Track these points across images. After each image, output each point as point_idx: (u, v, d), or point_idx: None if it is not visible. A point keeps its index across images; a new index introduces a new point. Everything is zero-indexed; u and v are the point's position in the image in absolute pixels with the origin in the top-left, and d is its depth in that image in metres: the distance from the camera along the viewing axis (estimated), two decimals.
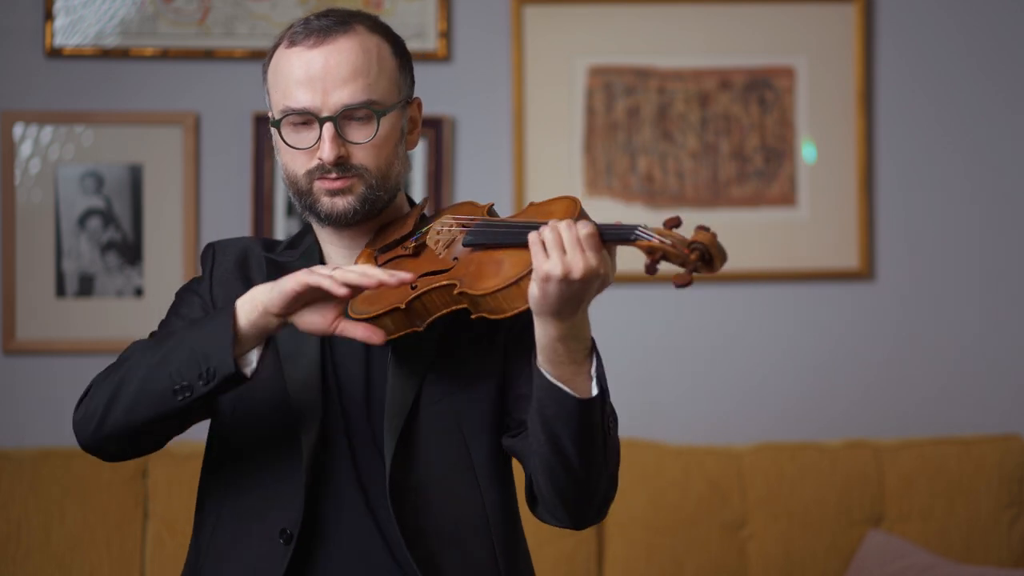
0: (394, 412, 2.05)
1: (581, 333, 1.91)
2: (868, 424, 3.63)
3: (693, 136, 3.65)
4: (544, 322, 1.89)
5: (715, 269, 1.84)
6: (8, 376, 3.51)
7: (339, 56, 2.03)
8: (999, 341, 3.69)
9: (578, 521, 2.04)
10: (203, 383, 1.96)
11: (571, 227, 1.86)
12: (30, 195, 3.52)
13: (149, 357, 2.00)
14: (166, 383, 1.97)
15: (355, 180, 2.05)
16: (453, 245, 2.04)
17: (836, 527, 3.39)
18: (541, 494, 2.02)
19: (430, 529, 2.05)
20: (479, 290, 1.93)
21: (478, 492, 2.08)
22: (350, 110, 2.03)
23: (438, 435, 2.06)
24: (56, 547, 3.25)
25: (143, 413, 2.00)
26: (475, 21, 3.60)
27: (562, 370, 1.92)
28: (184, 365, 1.96)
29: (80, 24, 3.53)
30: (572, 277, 1.84)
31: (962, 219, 3.69)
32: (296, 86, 2.04)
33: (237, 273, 2.16)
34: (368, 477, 2.06)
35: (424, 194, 3.55)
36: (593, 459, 1.96)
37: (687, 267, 1.83)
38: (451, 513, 2.07)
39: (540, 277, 1.85)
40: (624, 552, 3.34)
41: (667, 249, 1.84)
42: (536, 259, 1.86)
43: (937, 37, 3.68)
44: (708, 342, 3.65)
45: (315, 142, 2.04)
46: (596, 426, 1.94)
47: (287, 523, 2.04)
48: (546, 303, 1.87)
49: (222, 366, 1.95)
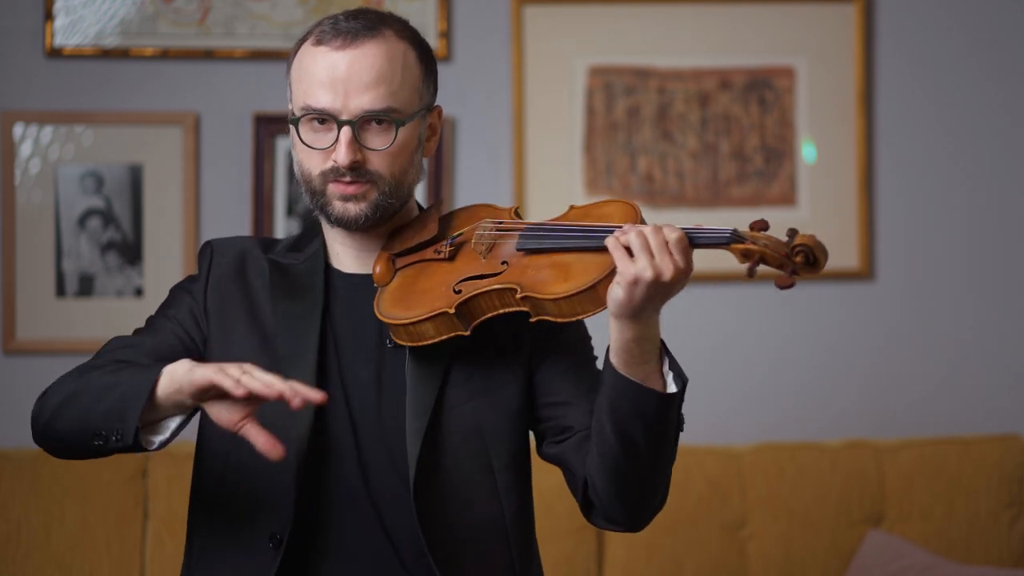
0: (416, 414, 2.04)
1: (654, 333, 1.94)
2: (868, 424, 3.63)
3: (693, 136, 3.65)
4: (622, 325, 1.91)
5: (819, 269, 1.88)
6: (8, 376, 3.51)
7: (364, 61, 2.02)
8: (999, 341, 3.69)
9: (636, 521, 2.05)
10: (115, 439, 1.96)
11: (658, 231, 1.89)
12: (30, 195, 3.52)
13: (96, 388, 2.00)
14: (91, 425, 1.97)
15: (369, 186, 2.04)
16: (498, 249, 2.03)
17: (836, 527, 3.39)
18: (599, 498, 2.02)
19: (450, 533, 2.04)
20: (548, 294, 1.93)
21: (497, 497, 2.08)
22: (370, 116, 2.02)
23: (460, 440, 2.06)
24: (56, 547, 3.25)
25: (73, 438, 2.01)
26: (475, 21, 3.60)
27: (635, 370, 1.94)
28: (108, 415, 1.96)
29: (80, 24, 3.53)
30: (663, 280, 1.87)
31: (962, 219, 3.69)
32: (319, 86, 2.03)
33: (235, 277, 2.14)
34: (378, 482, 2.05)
35: (424, 194, 3.55)
36: (663, 456, 1.98)
37: (786, 269, 1.87)
38: (471, 517, 2.06)
39: (628, 280, 1.87)
40: (624, 552, 3.34)
41: (765, 252, 1.88)
42: (621, 263, 1.88)
43: (937, 37, 3.68)
44: (708, 342, 3.65)
45: (332, 144, 2.03)
46: (672, 422, 1.96)
47: (277, 527, 2.03)
48: (630, 306, 1.89)
49: (125, 435, 1.95)
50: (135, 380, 1.96)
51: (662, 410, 1.94)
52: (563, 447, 2.07)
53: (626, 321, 1.91)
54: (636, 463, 1.97)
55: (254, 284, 2.13)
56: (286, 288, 2.11)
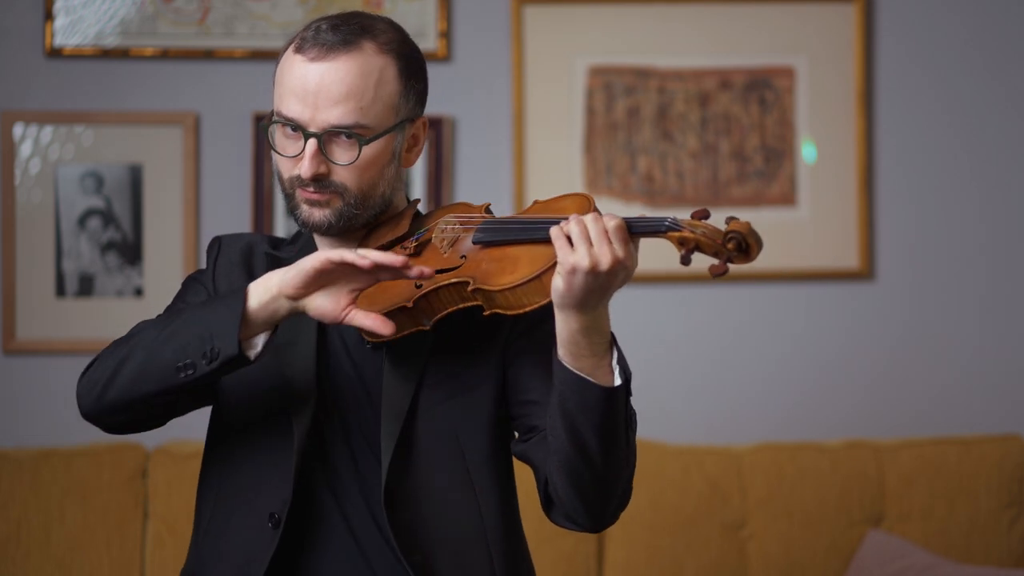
0: (391, 417, 2.04)
1: (602, 326, 1.92)
2: (868, 424, 3.63)
3: (693, 136, 3.65)
4: (567, 315, 1.90)
5: (752, 257, 1.86)
6: (8, 376, 3.51)
7: (335, 75, 2.02)
8: (999, 341, 3.69)
9: (596, 521, 2.03)
10: (206, 362, 1.96)
11: (597, 220, 1.88)
12: (30, 195, 3.52)
13: (157, 332, 2.01)
14: (171, 358, 1.98)
15: (333, 196, 2.05)
16: (459, 243, 2.04)
17: (836, 527, 3.39)
18: (558, 496, 2.02)
19: (426, 536, 2.04)
20: (496, 286, 1.93)
21: (474, 499, 2.07)
22: (336, 130, 2.02)
23: (435, 441, 2.06)
24: (56, 547, 3.25)
25: (146, 386, 2.01)
26: (475, 21, 3.60)
27: (583, 363, 1.92)
28: (190, 342, 1.97)
29: (80, 24, 3.53)
30: (600, 269, 1.86)
31: (962, 219, 3.69)
32: (290, 95, 2.04)
33: (241, 265, 2.17)
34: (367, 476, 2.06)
35: (424, 194, 3.55)
36: (615, 452, 1.96)
37: (721, 256, 1.86)
38: (447, 520, 2.06)
39: (567, 270, 1.87)
40: (624, 552, 3.34)
41: (700, 239, 1.87)
42: (561, 252, 1.87)
43: (937, 37, 3.68)
44: (708, 342, 3.65)
45: (299, 152, 2.04)
46: (619, 417, 1.94)
47: (276, 507, 2.04)
48: (571, 296, 1.88)
49: (226, 347, 1.95)
50: (214, 306, 1.99)
51: (607, 404, 1.92)
52: (527, 445, 2.07)
53: (570, 311, 1.89)
54: (588, 459, 1.96)
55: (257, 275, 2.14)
56: None
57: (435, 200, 3.55)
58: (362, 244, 2.12)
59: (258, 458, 2.08)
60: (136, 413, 2.05)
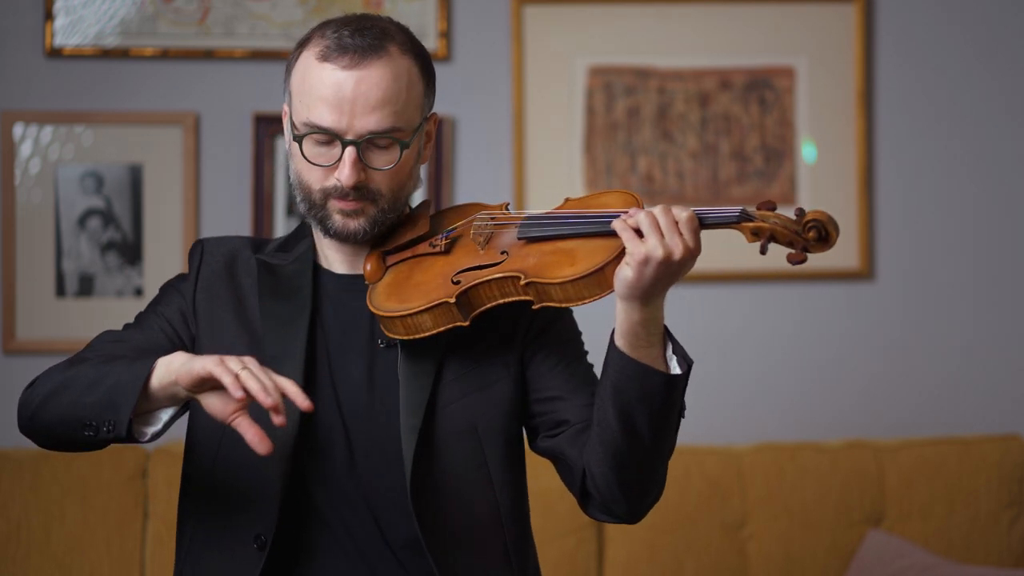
0: (410, 412, 2.04)
1: (659, 317, 1.95)
2: (868, 424, 3.63)
3: (693, 136, 3.65)
4: (630, 306, 1.93)
5: (831, 244, 1.91)
6: (8, 376, 3.50)
7: (371, 82, 2.01)
8: (999, 341, 3.69)
9: (634, 512, 2.06)
10: (106, 430, 1.96)
11: (667, 211, 1.91)
12: (30, 195, 3.52)
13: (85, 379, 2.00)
14: (81, 415, 1.97)
15: (368, 203, 2.05)
16: (495, 240, 2.05)
17: (836, 527, 3.39)
18: (598, 488, 2.03)
19: (446, 530, 2.05)
20: (554, 279, 1.94)
21: (492, 493, 2.08)
22: (374, 136, 2.02)
23: (454, 437, 2.06)
24: (56, 547, 3.25)
25: (61, 429, 2.01)
26: (475, 21, 3.60)
27: (641, 353, 1.95)
28: (99, 405, 1.96)
29: (80, 24, 3.53)
30: (673, 259, 1.89)
31: (962, 219, 3.69)
32: (323, 104, 2.01)
33: (224, 276, 2.14)
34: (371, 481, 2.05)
35: (424, 194, 3.55)
36: (664, 443, 2.00)
37: (797, 245, 1.90)
38: (466, 514, 2.07)
39: (638, 260, 1.89)
40: (624, 552, 3.34)
41: (775, 229, 1.91)
42: (630, 244, 1.90)
43: (937, 37, 3.68)
44: (708, 342, 3.65)
45: (335, 162, 2.03)
46: (675, 405, 1.98)
47: (262, 528, 2.03)
48: (640, 286, 1.90)
49: (118, 425, 1.94)
50: (128, 371, 1.96)
51: (667, 392, 1.95)
52: (558, 440, 2.07)
53: (634, 303, 1.92)
54: (638, 449, 1.98)
55: (243, 284, 2.13)
56: (274, 288, 2.11)
57: (436, 200, 3.55)
58: (378, 245, 2.11)
59: (241, 478, 2.06)
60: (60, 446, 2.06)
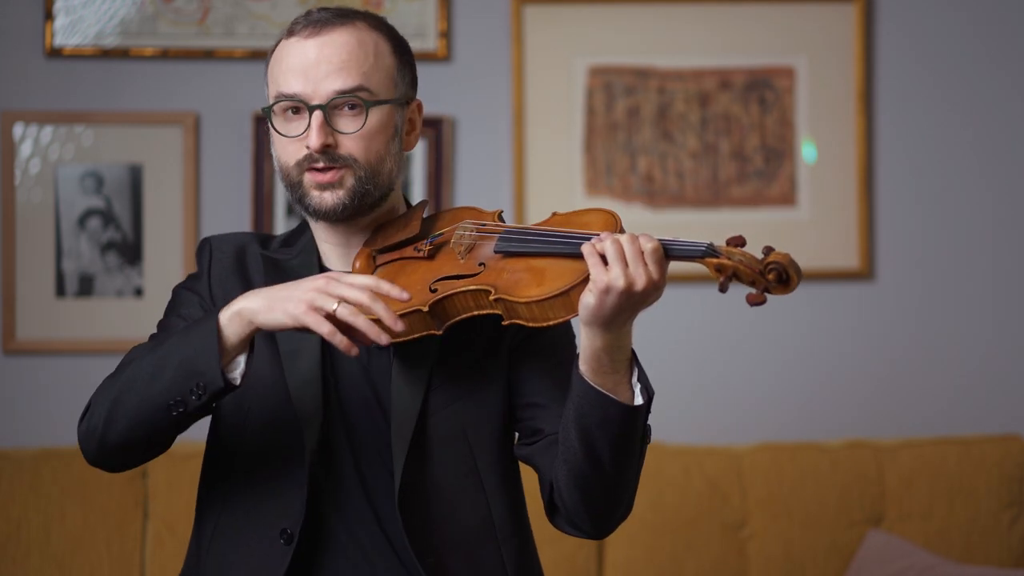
0: (402, 419, 2.04)
1: (625, 343, 1.93)
2: (868, 424, 3.63)
3: (693, 136, 3.65)
4: (593, 332, 1.90)
5: (791, 288, 1.87)
6: (8, 376, 3.51)
7: (333, 45, 2.04)
8: (999, 341, 3.69)
9: (600, 530, 2.05)
10: (195, 398, 1.95)
11: (634, 240, 1.88)
12: (30, 195, 3.52)
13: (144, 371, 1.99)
14: (160, 400, 1.97)
15: (344, 172, 2.04)
16: (476, 250, 2.03)
17: (836, 527, 3.39)
18: (563, 503, 2.03)
19: (438, 537, 2.04)
20: (521, 298, 1.93)
21: (484, 499, 2.08)
22: (340, 100, 2.03)
23: (445, 442, 2.06)
24: (56, 547, 3.25)
25: (140, 430, 2.00)
26: (475, 21, 3.60)
27: (604, 379, 1.93)
28: (176, 381, 1.96)
29: (80, 24, 3.53)
30: (634, 290, 1.86)
31: (962, 219, 3.69)
32: (290, 73, 2.05)
33: (236, 270, 2.15)
34: (373, 481, 2.06)
35: (424, 194, 3.55)
36: (627, 466, 1.98)
37: (758, 286, 1.86)
38: (458, 520, 2.06)
39: (600, 288, 1.86)
40: (624, 552, 3.34)
41: (738, 267, 1.87)
42: (595, 270, 1.87)
43: (937, 37, 3.68)
44: (708, 342, 3.65)
45: (304, 131, 2.04)
46: (636, 433, 1.96)
47: (288, 523, 2.03)
48: (601, 314, 1.88)
49: (212, 382, 1.94)
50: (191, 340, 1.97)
51: (627, 421, 1.94)
52: (532, 449, 2.07)
53: (597, 329, 1.90)
54: (600, 473, 1.96)
55: (253, 279, 2.13)
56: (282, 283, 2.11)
57: (435, 200, 3.55)
58: (369, 241, 2.11)
59: (267, 471, 2.06)
60: (139, 452, 2.04)
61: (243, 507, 2.08)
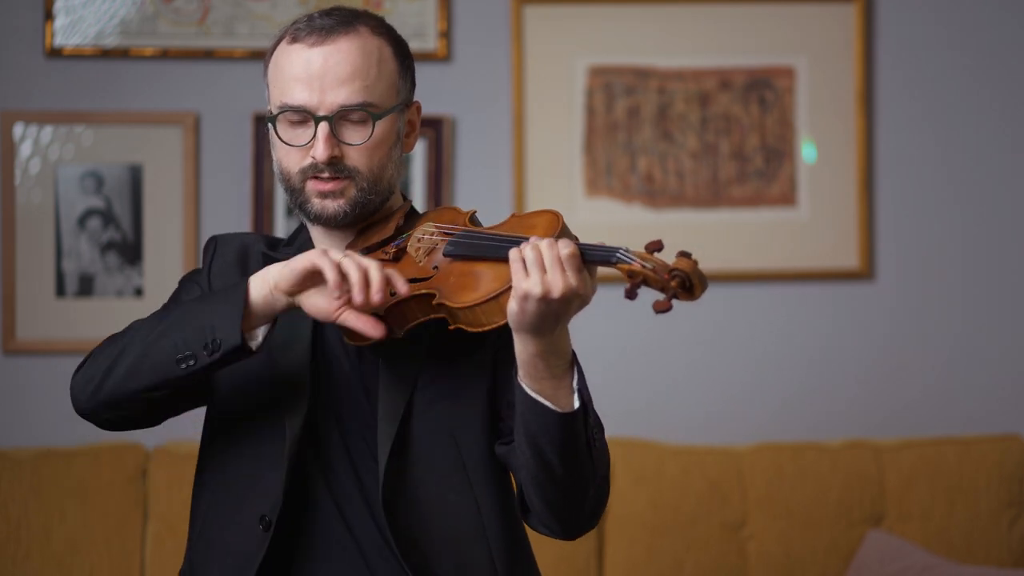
0: (387, 418, 2.05)
1: (561, 348, 1.92)
2: (868, 424, 3.63)
3: (693, 136, 3.65)
4: (523, 338, 1.90)
5: (695, 297, 1.85)
6: (8, 376, 3.51)
7: (339, 56, 2.04)
8: (999, 341, 3.69)
9: (569, 530, 2.05)
10: (207, 353, 1.96)
11: (552, 246, 1.87)
12: (30, 195, 3.52)
13: (153, 327, 2.01)
14: (170, 351, 1.98)
15: (347, 183, 2.05)
16: (434, 253, 2.03)
17: (836, 527, 3.39)
18: (532, 504, 2.03)
19: (425, 536, 2.05)
20: (457, 303, 1.93)
21: (472, 497, 2.08)
22: (346, 111, 2.03)
23: (431, 441, 2.06)
24: (56, 547, 3.25)
25: (142, 379, 2.00)
26: (475, 21, 3.60)
27: (543, 384, 1.93)
28: (190, 335, 1.97)
29: (80, 24, 3.53)
30: (551, 297, 1.85)
31: (961, 219, 3.69)
32: (295, 83, 2.04)
33: (236, 266, 2.16)
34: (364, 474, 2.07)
35: (424, 194, 3.55)
36: (579, 470, 1.97)
37: (667, 293, 1.84)
38: (445, 519, 2.07)
39: (519, 295, 1.86)
40: (624, 552, 3.34)
41: (647, 274, 1.85)
42: (515, 277, 1.87)
43: (937, 37, 3.68)
44: (708, 342, 3.65)
45: (309, 140, 2.04)
46: (580, 438, 1.95)
47: (265, 509, 2.04)
48: (524, 320, 1.88)
49: (229, 338, 1.95)
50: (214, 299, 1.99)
51: (565, 427, 1.93)
52: (507, 449, 2.07)
53: (525, 335, 1.89)
54: (552, 477, 1.97)
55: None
56: None
57: (435, 200, 3.55)
58: (351, 245, 2.12)
59: (250, 460, 2.08)
60: (131, 409, 2.04)
61: (226, 494, 2.10)
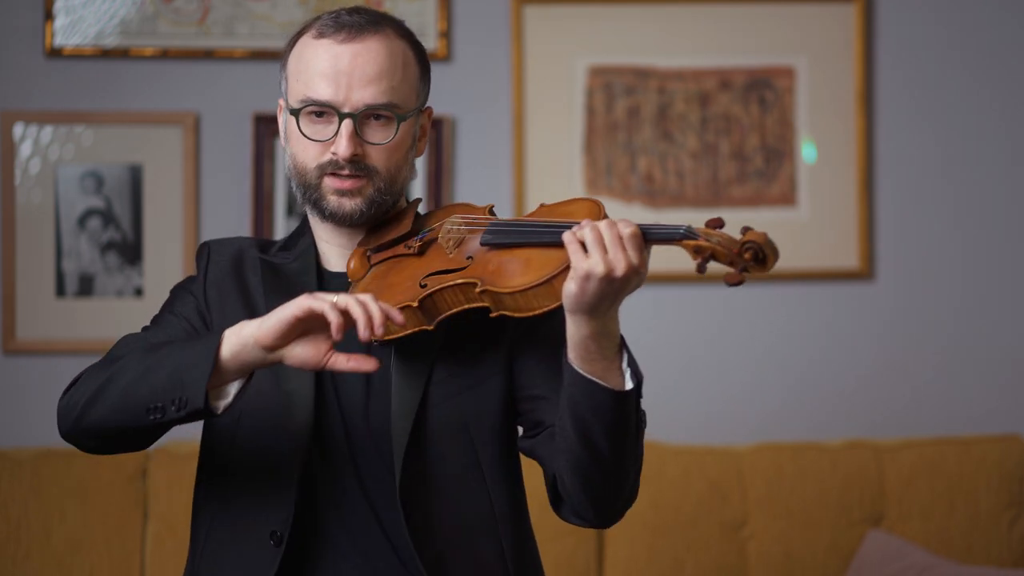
0: (401, 414, 2.04)
1: (611, 330, 1.92)
2: (868, 424, 3.63)
3: (693, 136, 3.65)
4: (578, 320, 1.90)
5: (768, 267, 1.87)
6: (8, 376, 3.51)
7: (367, 55, 2.04)
8: (999, 341, 3.69)
9: (604, 518, 2.04)
10: (175, 409, 1.94)
11: (612, 226, 1.88)
12: (30, 195, 3.52)
13: (137, 365, 1.98)
14: (142, 400, 1.95)
15: (365, 181, 2.06)
16: (465, 244, 2.04)
17: (836, 527, 3.39)
18: (567, 493, 2.02)
19: (438, 531, 2.04)
20: (505, 288, 1.94)
21: (486, 492, 2.08)
22: (371, 110, 2.04)
23: (445, 436, 2.06)
24: (56, 547, 3.25)
25: (117, 420, 1.98)
26: (475, 21, 3.60)
27: (594, 366, 1.93)
28: (162, 386, 1.94)
29: (80, 24, 3.53)
30: (615, 275, 1.86)
31: (961, 219, 3.69)
32: (321, 78, 2.04)
33: (232, 274, 2.15)
34: (371, 481, 2.05)
35: (424, 193, 3.55)
36: (625, 453, 1.97)
37: (736, 266, 1.87)
38: (459, 514, 2.06)
39: (580, 275, 1.87)
40: (624, 552, 3.34)
41: (716, 248, 1.87)
42: (575, 257, 1.88)
43: (937, 37, 3.68)
44: (708, 342, 3.65)
45: (332, 136, 2.04)
46: (630, 419, 1.95)
47: (277, 524, 2.03)
48: (583, 301, 1.88)
49: (193, 398, 1.92)
50: (191, 349, 1.95)
51: (618, 407, 1.93)
52: (535, 441, 2.07)
53: (581, 316, 1.90)
54: (598, 459, 1.96)
55: (250, 282, 2.13)
56: (279, 287, 2.12)
57: (435, 200, 3.55)
58: (363, 241, 2.12)
59: (257, 473, 2.06)
60: (112, 442, 2.03)
61: (235, 510, 2.08)
